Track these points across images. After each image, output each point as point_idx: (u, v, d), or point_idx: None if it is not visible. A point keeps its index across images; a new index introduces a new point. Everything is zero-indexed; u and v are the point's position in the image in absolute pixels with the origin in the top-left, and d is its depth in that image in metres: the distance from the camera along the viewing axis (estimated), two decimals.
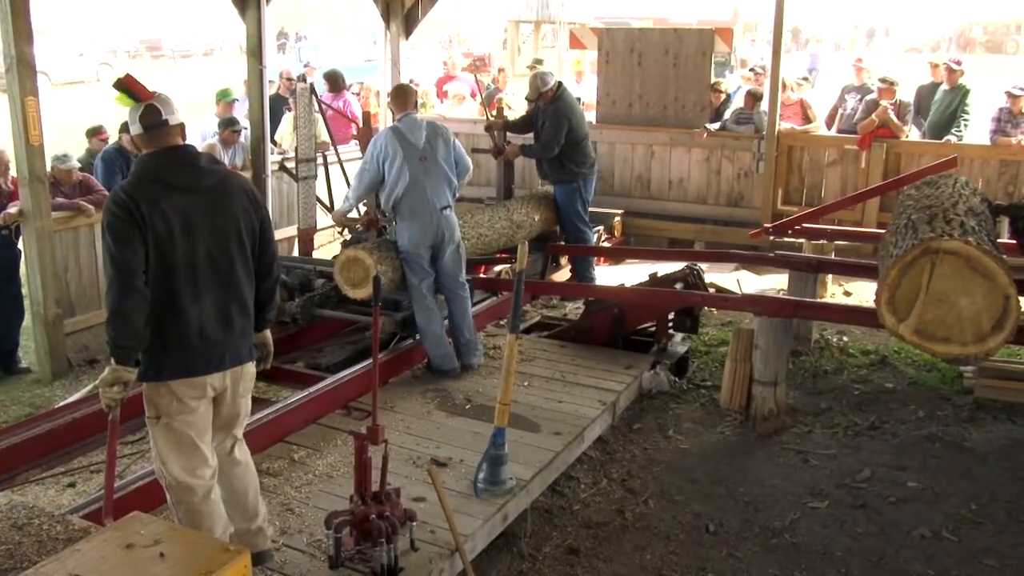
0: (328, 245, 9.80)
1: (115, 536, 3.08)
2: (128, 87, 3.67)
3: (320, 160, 8.21)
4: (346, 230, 7.89)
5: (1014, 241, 6.40)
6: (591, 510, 5.28)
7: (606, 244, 9.87)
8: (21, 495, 4.82)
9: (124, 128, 8.19)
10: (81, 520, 3.69)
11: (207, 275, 3.67)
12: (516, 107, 12.42)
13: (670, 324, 7.03)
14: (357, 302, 6.61)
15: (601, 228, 9.82)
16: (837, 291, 8.96)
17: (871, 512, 5.21)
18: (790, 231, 8.42)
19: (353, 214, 7.19)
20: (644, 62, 10.80)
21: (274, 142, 10.26)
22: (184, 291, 3.61)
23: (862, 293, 8.65)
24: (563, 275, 8.99)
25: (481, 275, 8.03)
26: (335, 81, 11.73)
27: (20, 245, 7.19)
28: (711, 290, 7.59)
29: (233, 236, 3.74)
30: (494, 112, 9.40)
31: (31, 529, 3.48)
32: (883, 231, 6.58)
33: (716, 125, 10.61)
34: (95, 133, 8.88)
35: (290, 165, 8.67)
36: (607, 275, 9.22)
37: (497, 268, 8.41)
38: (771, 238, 8.79)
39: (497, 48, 28.92)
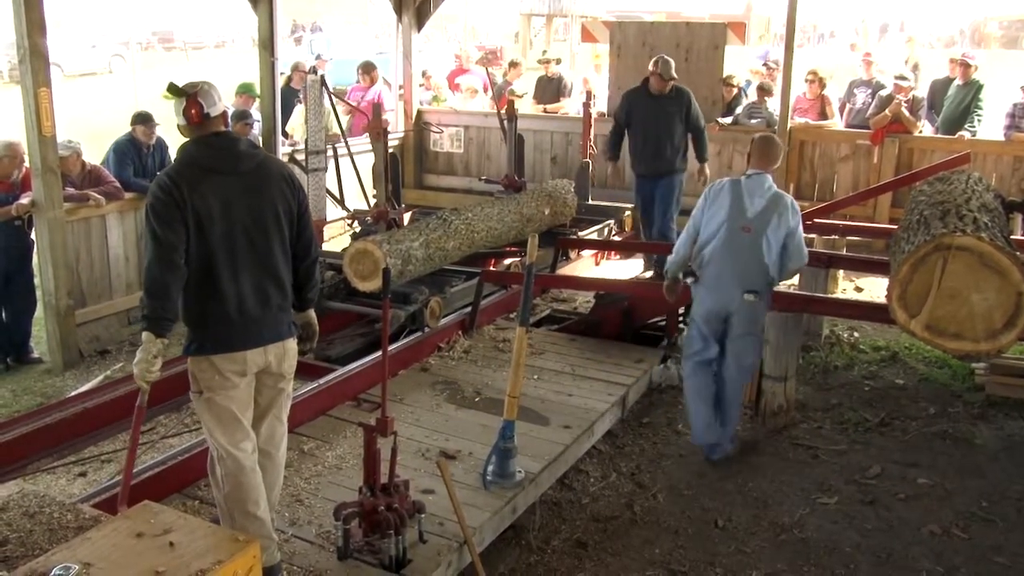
0: (338, 237, 9.81)
1: (125, 525, 3.10)
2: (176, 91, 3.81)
3: (330, 152, 8.20)
4: (356, 222, 7.87)
5: None
6: (600, 504, 5.28)
7: (616, 238, 9.85)
8: (32, 484, 4.84)
9: (135, 119, 8.23)
10: (92, 509, 3.72)
11: (245, 254, 3.77)
12: (526, 99, 12.46)
13: (680, 318, 7.01)
14: (366, 295, 6.61)
15: (612, 222, 9.82)
16: (848, 286, 8.94)
17: (880, 508, 5.20)
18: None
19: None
20: (656, 55, 10.73)
21: (285, 134, 10.27)
22: (222, 269, 3.72)
23: (873, 289, 8.63)
24: (572, 268, 8.97)
25: (491, 268, 8.03)
26: (370, 70, 11.94)
27: (33, 236, 7.22)
28: None
29: (270, 217, 3.84)
30: (504, 108, 9.38)
31: (42, 517, 3.52)
32: (895, 227, 6.57)
33: (728, 119, 10.58)
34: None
35: (301, 157, 8.67)
36: (618, 269, 9.22)
37: (507, 261, 8.40)
38: None
39: (509, 41, 28.90)
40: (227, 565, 2.91)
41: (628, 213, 10.08)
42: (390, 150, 11.75)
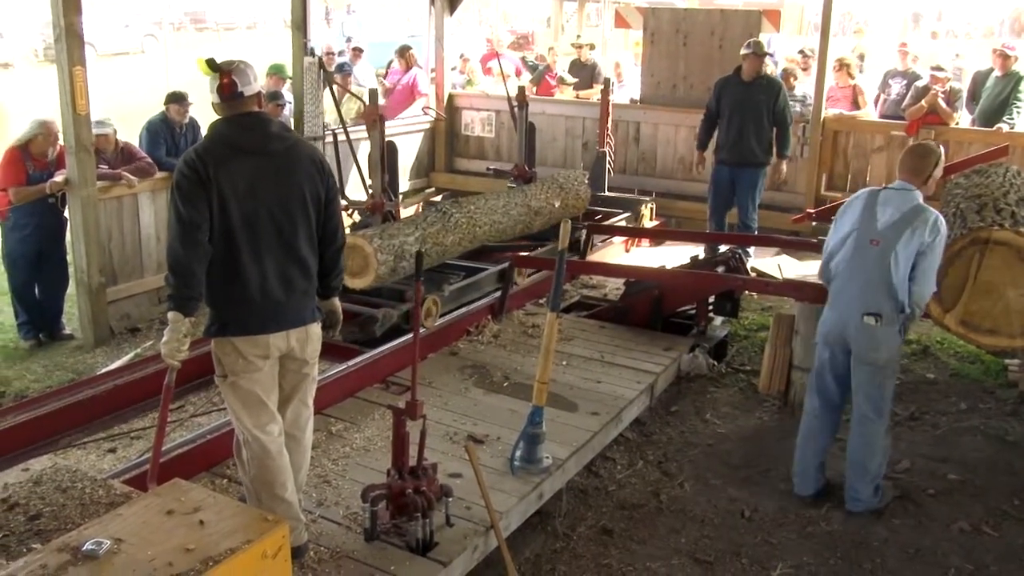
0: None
1: (156, 502, 3.11)
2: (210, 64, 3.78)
3: (329, 138, 8.05)
4: (355, 212, 7.64)
5: None
6: (626, 491, 5.27)
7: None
8: (64, 459, 4.89)
9: (169, 99, 8.27)
10: (122, 485, 3.75)
11: (269, 236, 3.75)
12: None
13: (710, 307, 6.97)
14: (357, 292, 6.42)
15: (642, 212, 9.72)
16: None
17: (909, 503, 5.15)
18: (833, 217, 8.31)
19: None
20: (689, 43, 10.69)
21: None
22: (244, 250, 3.71)
23: None
24: (602, 255, 8.91)
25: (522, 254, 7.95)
26: (405, 55, 12.08)
27: (66, 213, 7.28)
28: (752, 274, 7.52)
29: (297, 201, 3.81)
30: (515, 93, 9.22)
31: (75, 492, 3.55)
32: None
33: None
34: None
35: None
36: (647, 257, 9.17)
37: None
38: (814, 223, 8.69)
39: (541, 26, 28.77)
40: (256, 544, 2.92)
41: (645, 206, 9.85)
42: (420, 133, 11.82)
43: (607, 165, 10.16)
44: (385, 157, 7.42)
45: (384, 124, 7.42)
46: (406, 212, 9.88)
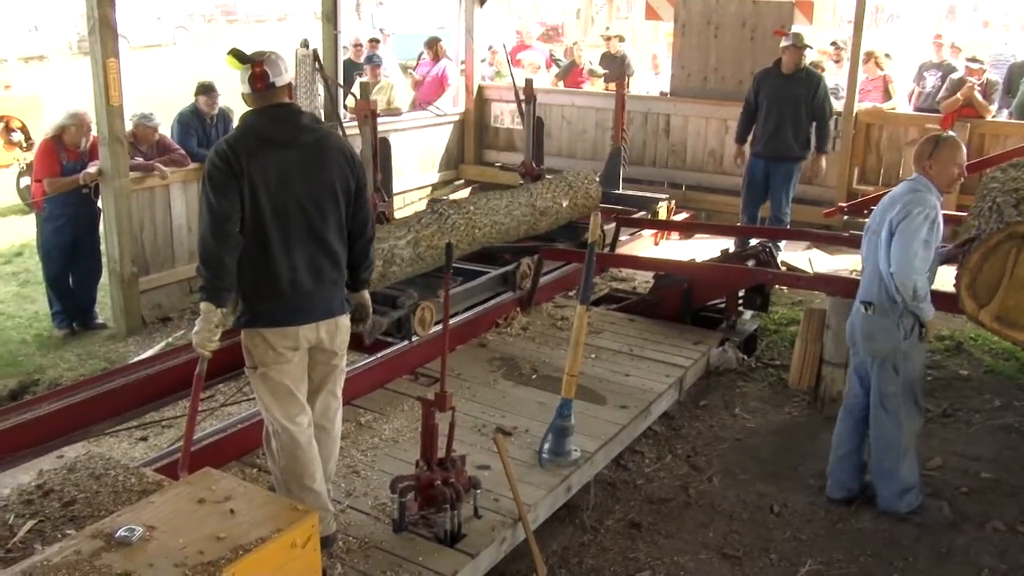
0: None
1: (187, 491, 3.14)
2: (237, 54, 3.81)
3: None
4: None
5: None
6: (655, 485, 5.26)
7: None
8: (96, 446, 4.93)
9: (199, 90, 8.33)
10: (154, 473, 3.79)
11: (300, 228, 3.76)
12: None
13: (740, 301, 6.93)
14: None
15: (663, 208, 9.62)
16: None
17: (941, 502, 5.09)
18: (865, 211, 8.23)
19: None
20: (720, 34, 10.62)
21: (345, 107, 10.31)
22: (275, 242, 3.72)
23: (939, 277, 8.42)
24: (631, 248, 8.87)
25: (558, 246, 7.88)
26: (434, 47, 12.13)
27: (99, 204, 7.35)
28: (782, 268, 7.47)
29: (327, 193, 3.82)
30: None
31: (108, 479, 3.59)
32: (963, 214, 6.41)
33: None
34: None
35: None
36: (677, 250, 9.12)
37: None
38: (845, 217, 8.63)
39: (571, 18, 28.67)
40: (286, 534, 2.94)
41: (663, 204, 9.57)
42: (449, 125, 11.82)
43: (622, 161, 10.00)
44: (378, 154, 7.08)
45: (376, 119, 7.11)
46: None
